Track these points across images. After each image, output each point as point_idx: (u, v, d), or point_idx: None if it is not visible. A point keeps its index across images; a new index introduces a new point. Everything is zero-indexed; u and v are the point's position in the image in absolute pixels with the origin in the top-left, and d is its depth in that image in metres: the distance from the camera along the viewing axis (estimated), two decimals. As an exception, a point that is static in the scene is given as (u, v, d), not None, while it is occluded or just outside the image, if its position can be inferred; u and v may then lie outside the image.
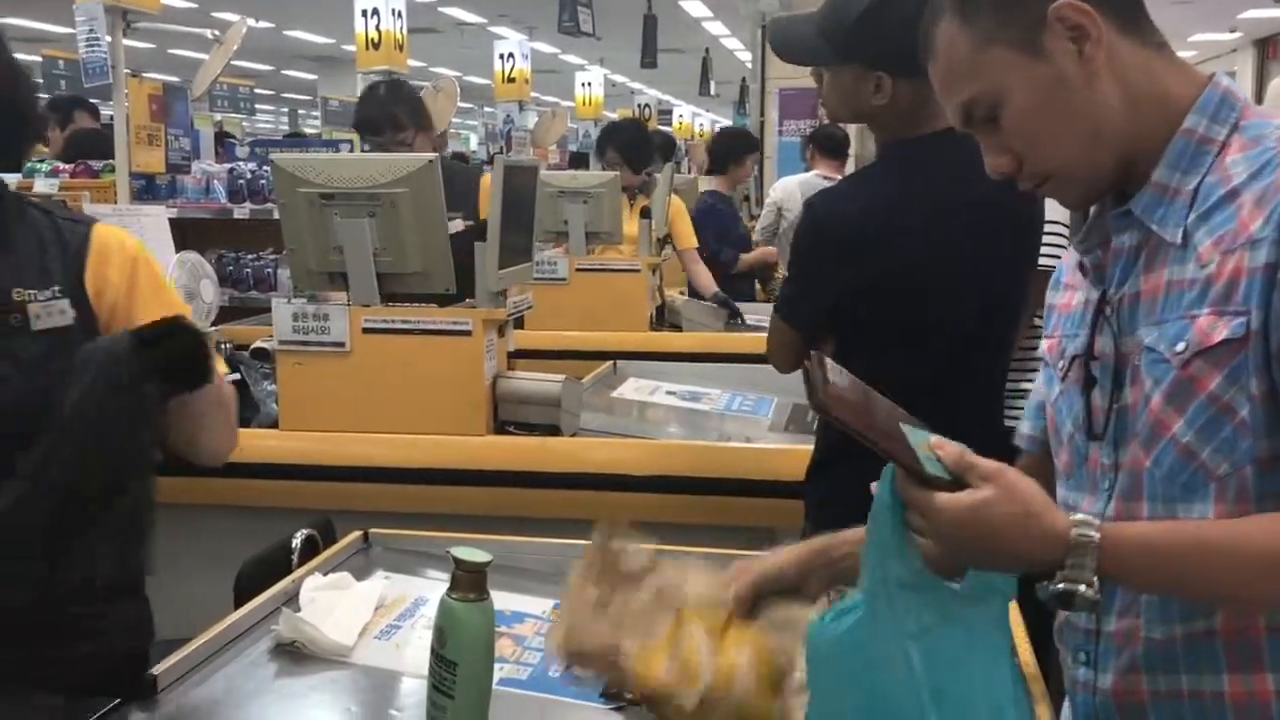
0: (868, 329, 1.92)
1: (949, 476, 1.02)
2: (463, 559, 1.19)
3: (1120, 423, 1.12)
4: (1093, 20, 1.07)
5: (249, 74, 16.23)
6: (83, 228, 1.52)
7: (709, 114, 21.75)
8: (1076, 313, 1.20)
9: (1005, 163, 1.14)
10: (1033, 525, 1.00)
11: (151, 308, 1.48)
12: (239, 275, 4.82)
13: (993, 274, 1.91)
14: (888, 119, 1.93)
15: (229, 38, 3.56)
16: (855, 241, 1.90)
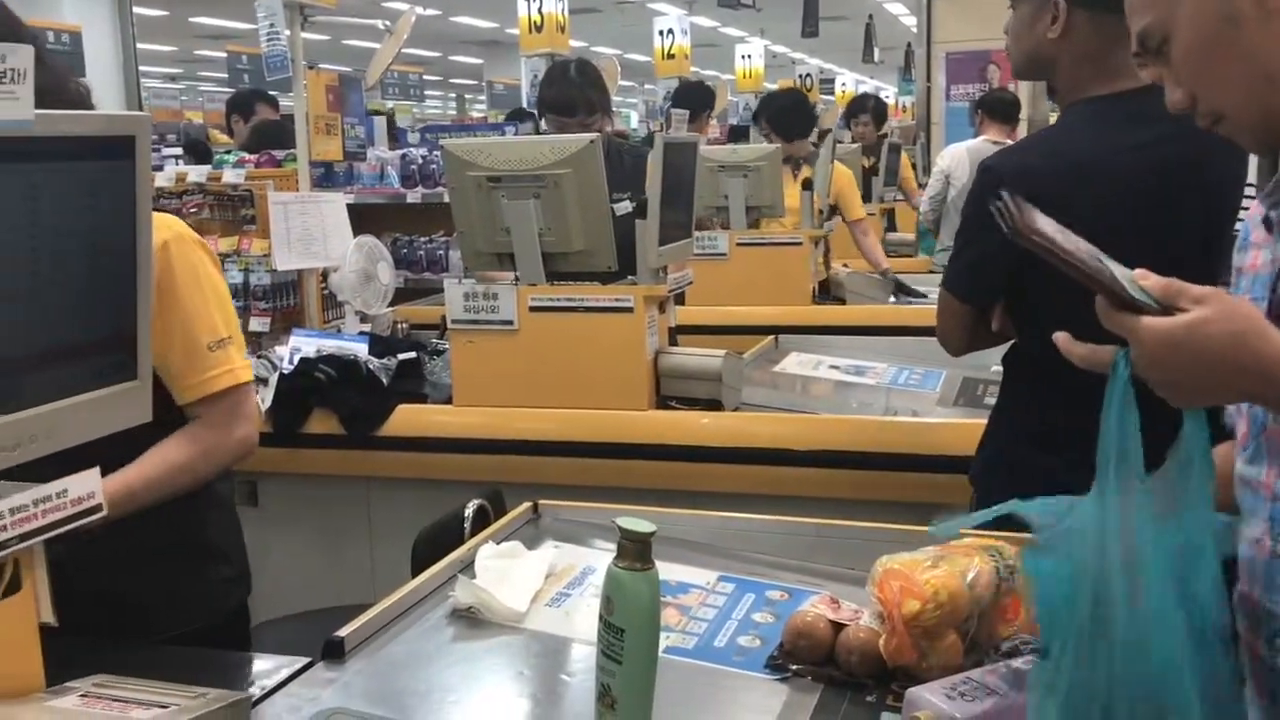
0: (1046, 300, 1.77)
1: (1157, 304, 0.95)
2: (628, 529, 1.21)
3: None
4: None
5: (417, 61, 16.74)
6: None
7: (873, 81, 21.29)
8: (1264, 274, 1.13)
9: (1179, 98, 1.09)
10: (1257, 344, 0.92)
11: (170, 319, 1.54)
12: (412, 257, 5.00)
13: (1183, 240, 1.78)
14: (1066, 65, 1.82)
15: (399, 27, 3.68)
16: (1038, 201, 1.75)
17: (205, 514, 1.74)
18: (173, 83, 20.86)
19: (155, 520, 1.56)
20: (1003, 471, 1.93)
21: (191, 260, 1.62)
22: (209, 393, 1.61)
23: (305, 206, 3.36)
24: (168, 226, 1.61)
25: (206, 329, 1.61)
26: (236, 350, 1.65)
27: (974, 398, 2.88)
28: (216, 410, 1.62)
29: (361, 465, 2.81)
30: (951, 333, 1.97)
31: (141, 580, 1.62)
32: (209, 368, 1.60)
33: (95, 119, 1.05)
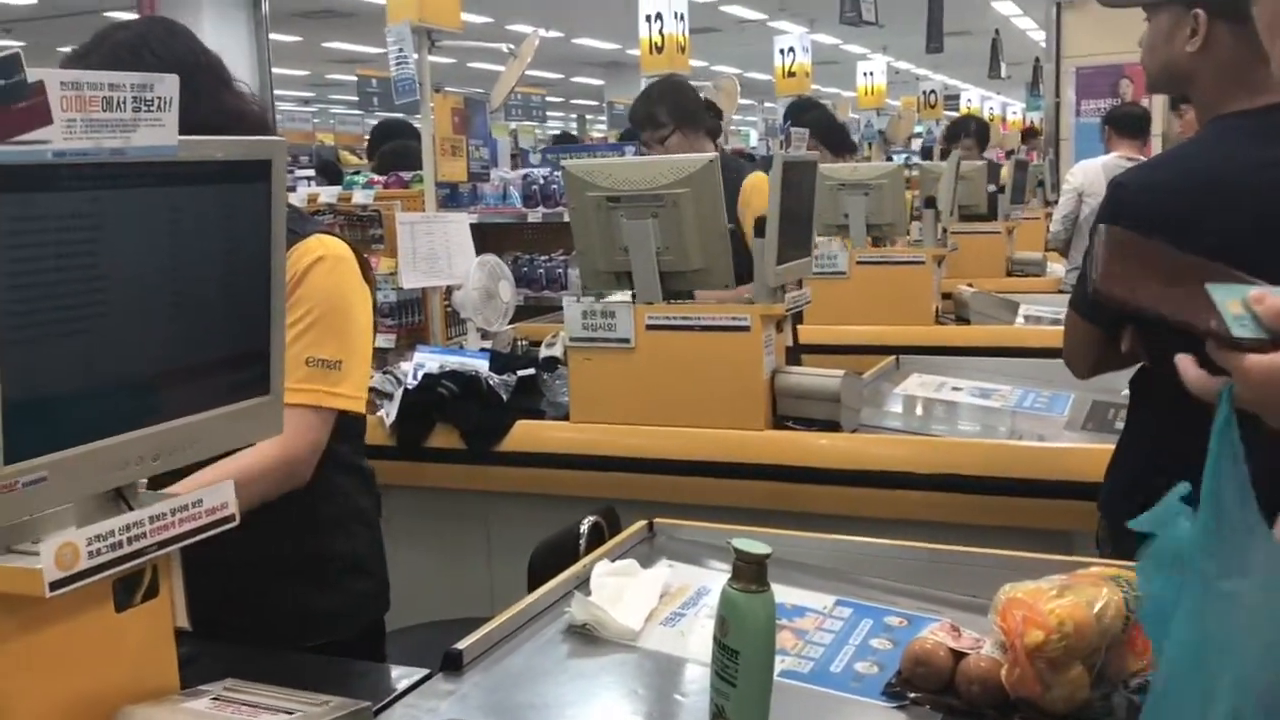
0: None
1: (1266, 336, 0.91)
2: (744, 550, 1.21)
3: None
4: None
5: (540, 83, 17.03)
6: (295, 238, 1.60)
7: (999, 97, 20.86)
8: None
9: None
10: None
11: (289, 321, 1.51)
12: (532, 275, 5.08)
13: None
14: (1205, 80, 1.76)
15: (523, 51, 3.75)
16: (1166, 219, 1.68)
17: (348, 527, 1.76)
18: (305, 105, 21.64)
19: (287, 532, 1.60)
20: (1133, 498, 1.86)
21: (333, 281, 1.64)
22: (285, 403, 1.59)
23: (431, 226, 3.45)
24: (325, 247, 1.65)
25: (313, 344, 1.61)
26: (340, 378, 1.62)
27: (1103, 422, 2.79)
28: (286, 424, 1.60)
29: (481, 480, 2.86)
30: (1077, 354, 1.92)
31: (277, 590, 1.67)
32: (294, 380, 1.55)
33: (235, 144, 1.09)
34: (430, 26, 3.46)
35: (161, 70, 1.52)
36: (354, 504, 1.75)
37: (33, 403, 0.92)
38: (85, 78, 0.91)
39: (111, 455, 1.00)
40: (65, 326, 0.94)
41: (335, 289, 1.65)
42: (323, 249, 1.64)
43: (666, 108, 3.39)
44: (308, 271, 1.61)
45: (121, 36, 1.61)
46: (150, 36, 1.62)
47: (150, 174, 0.99)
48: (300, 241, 1.63)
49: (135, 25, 1.66)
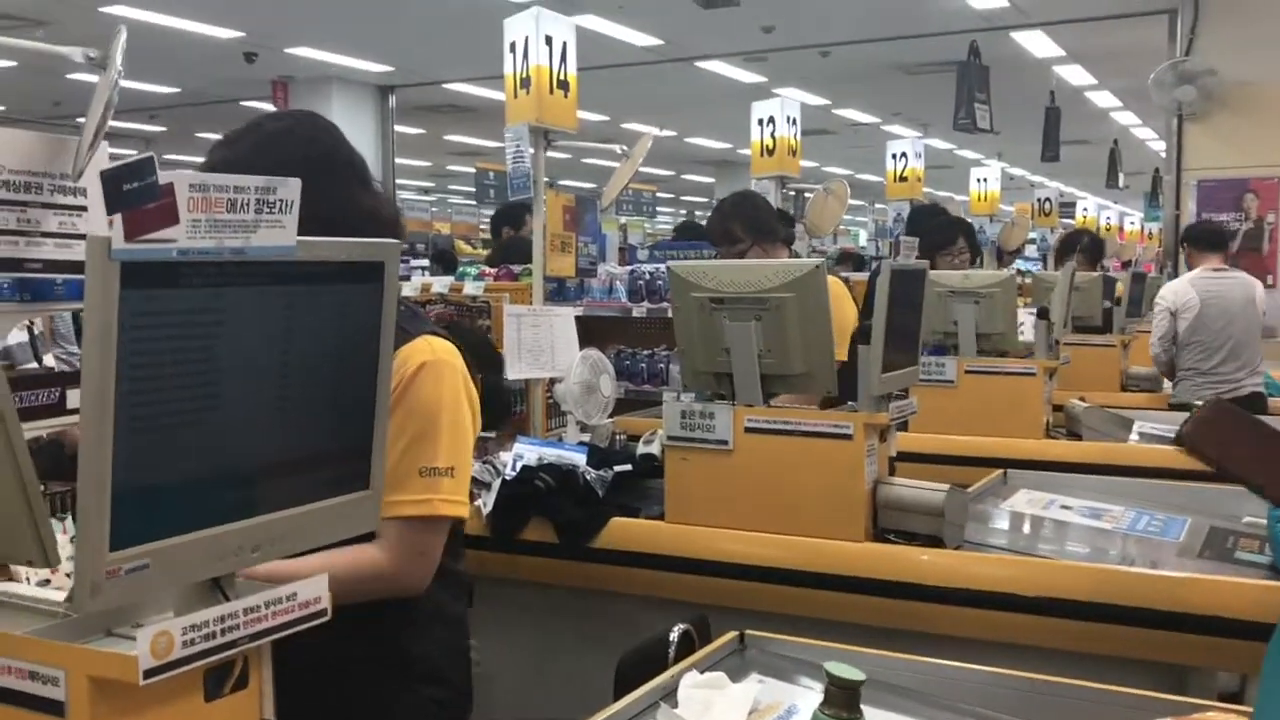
0: None
1: None
2: (836, 675, 1.17)
3: None
4: None
5: (651, 179, 17.33)
6: (405, 337, 1.62)
7: (1117, 206, 20.52)
8: None
9: None
10: None
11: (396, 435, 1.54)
12: (634, 369, 5.11)
13: None
14: None
15: (636, 152, 3.83)
16: None
17: (429, 630, 1.74)
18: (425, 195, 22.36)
19: (359, 629, 1.59)
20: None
21: (441, 386, 1.65)
22: (398, 515, 1.58)
23: (537, 319, 3.50)
24: (433, 351, 1.67)
25: (426, 455, 1.61)
26: (451, 484, 1.63)
27: (1222, 550, 2.66)
28: (400, 537, 1.59)
29: (573, 576, 2.84)
30: None
31: (351, 688, 1.66)
32: (411, 491, 1.59)
33: (351, 246, 1.12)
34: (547, 127, 3.55)
35: (305, 164, 1.60)
36: (438, 607, 1.73)
37: (141, 491, 0.94)
38: (212, 180, 0.95)
39: (212, 546, 1.02)
40: (178, 418, 0.97)
41: (444, 395, 1.66)
42: (431, 353, 1.66)
43: (741, 223, 3.46)
44: (415, 377, 1.63)
45: (271, 128, 1.68)
46: (299, 130, 1.68)
47: (269, 273, 1.02)
48: (409, 341, 1.65)
49: (286, 118, 1.73)
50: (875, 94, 13.11)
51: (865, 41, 9.68)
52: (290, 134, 1.67)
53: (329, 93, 11.80)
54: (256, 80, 11.52)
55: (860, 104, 14.15)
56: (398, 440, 1.59)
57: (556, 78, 3.55)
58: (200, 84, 12.63)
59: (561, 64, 3.56)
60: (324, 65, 11.30)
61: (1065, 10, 8.66)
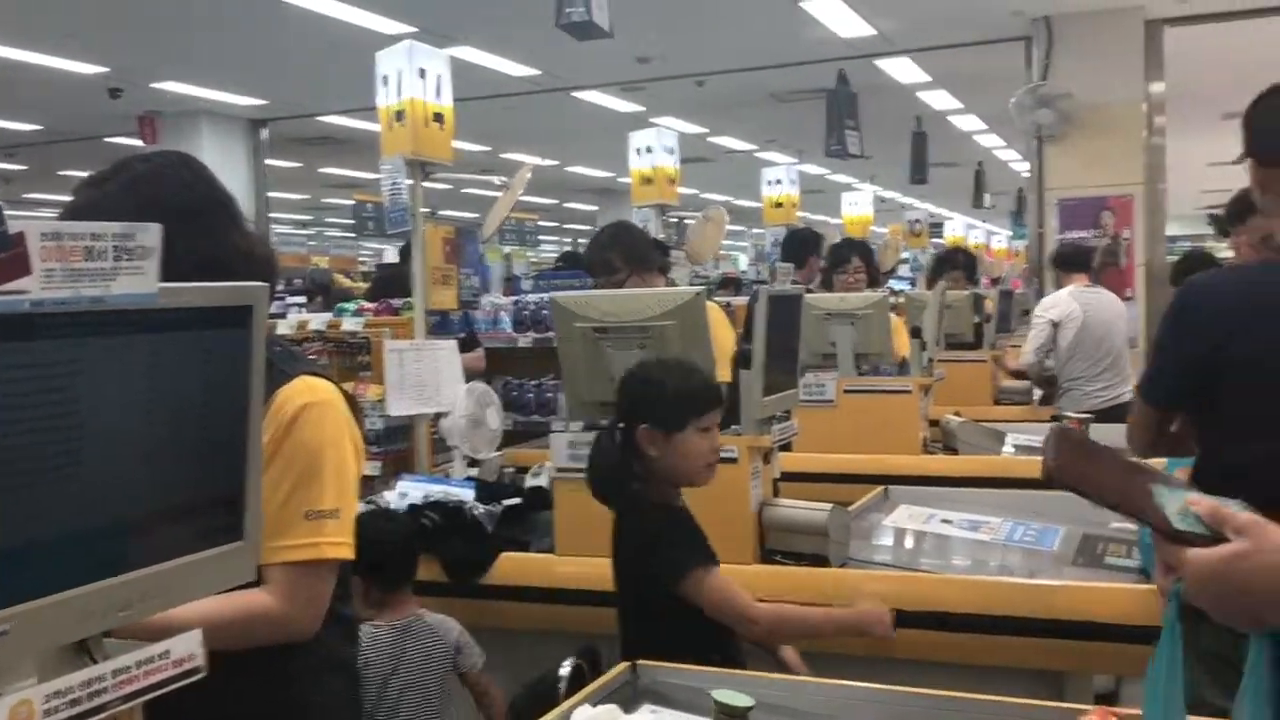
0: (1226, 414, 1.98)
1: (1208, 533, 0.99)
2: (724, 702, 1.18)
3: None
4: None
5: (533, 208, 17.33)
6: (283, 378, 1.59)
7: (984, 225, 21.24)
8: None
9: None
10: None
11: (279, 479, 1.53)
12: (522, 400, 5.06)
13: None
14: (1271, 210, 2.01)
15: (515, 183, 3.82)
16: (1210, 314, 2.02)
17: (323, 679, 1.69)
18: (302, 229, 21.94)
19: (257, 681, 1.54)
20: None
21: (322, 427, 1.61)
22: (285, 560, 1.55)
23: (420, 354, 3.46)
24: (313, 391, 1.63)
25: (311, 497, 1.58)
26: (336, 526, 1.60)
27: (1094, 557, 2.76)
28: (287, 582, 1.55)
29: (464, 613, 2.80)
30: (1137, 434, 2.18)
31: None
32: (297, 535, 1.56)
33: (216, 291, 1.09)
34: (423, 159, 3.52)
35: (176, 205, 1.55)
36: (331, 653, 1.69)
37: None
38: (67, 229, 0.91)
39: (77, 607, 0.97)
40: (37, 475, 0.93)
41: (326, 436, 1.62)
42: (310, 394, 1.62)
43: (619, 253, 3.51)
44: (296, 420, 1.59)
45: (140, 169, 1.63)
46: (168, 172, 1.64)
47: (130, 321, 0.98)
48: (288, 383, 1.61)
49: (155, 158, 1.68)
50: (750, 122, 13.35)
51: (738, 71, 9.86)
52: (159, 175, 1.62)
53: (198, 127, 11.50)
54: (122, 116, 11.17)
55: (736, 132, 14.39)
56: (281, 484, 1.55)
57: (431, 110, 3.52)
58: (63, 120, 12.19)
59: (436, 96, 3.54)
60: (192, 100, 11.02)
61: (928, 38, 8.96)
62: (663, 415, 2.14)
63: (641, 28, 7.25)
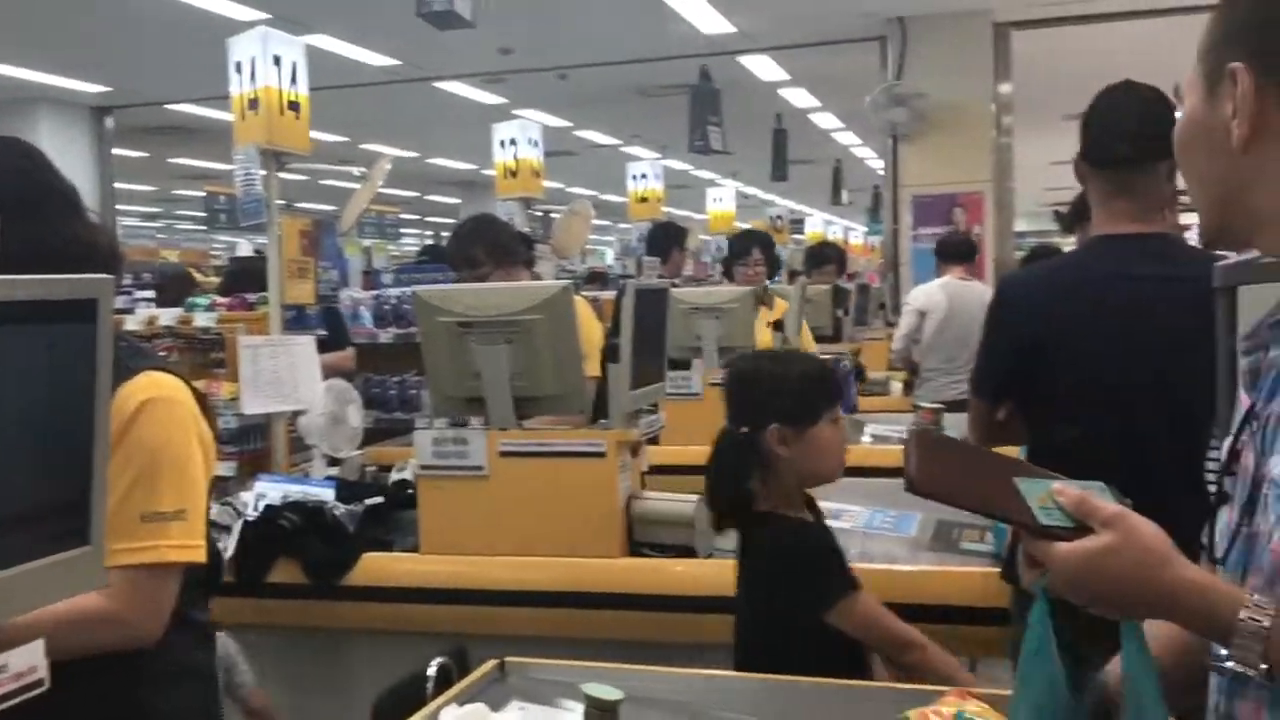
0: (1044, 399, 2.11)
1: (1072, 524, 1.00)
2: (594, 696, 1.17)
3: (1246, 550, 1.03)
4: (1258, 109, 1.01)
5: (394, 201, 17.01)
6: (126, 374, 1.53)
7: (842, 221, 21.77)
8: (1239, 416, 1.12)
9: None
10: (1155, 575, 0.97)
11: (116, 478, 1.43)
12: (384, 397, 4.96)
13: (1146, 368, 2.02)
14: (1094, 208, 2.16)
15: (374, 174, 3.74)
16: (1016, 306, 2.18)
17: (176, 685, 1.62)
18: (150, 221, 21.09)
19: (106, 690, 1.48)
20: None
21: (165, 425, 1.54)
22: (124, 563, 1.47)
23: (276, 350, 3.36)
24: (157, 387, 1.55)
25: (150, 499, 1.51)
26: (181, 528, 1.53)
27: (949, 542, 2.85)
28: (127, 585, 1.48)
29: (326, 616, 2.74)
30: (972, 427, 2.29)
31: None
32: (136, 538, 1.49)
33: (59, 283, 1.03)
34: (278, 149, 3.42)
35: (12, 195, 1.46)
36: (184, 660, 1.62)
37: None
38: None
39: (-97, 621, 0.91)
40: None
41: (169, 434, 1.55)
42: (154, 389, 1.55)
43: (482, 247, 3.47)
44: (137, 416, 1.51)
45: None
46: (3, 160, 1.55)
47: (-39, 315, 0.92)
48: (131, 378, 1.54)
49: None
50: (614, 116, 13.38)
51: (602, 65, 9.86)
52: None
53: (36, 115, 10.92)
54: (-50, 100, 10.55)
55: (600, 126, 14.40)
56: (118, 483, 1.47)
57: (286, 98, 3.42)
58: (-117, 105, 11.45)
59: (292, 84, 3.44)
60: (29, 85, 10.46)
61: (787, 36, 9.12)
62: (794, 410, 1.98)
63: (503, 18, 7.19)
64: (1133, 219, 2.07)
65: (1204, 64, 1.07)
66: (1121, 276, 2.05)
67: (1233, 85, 1.03)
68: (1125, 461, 2.00)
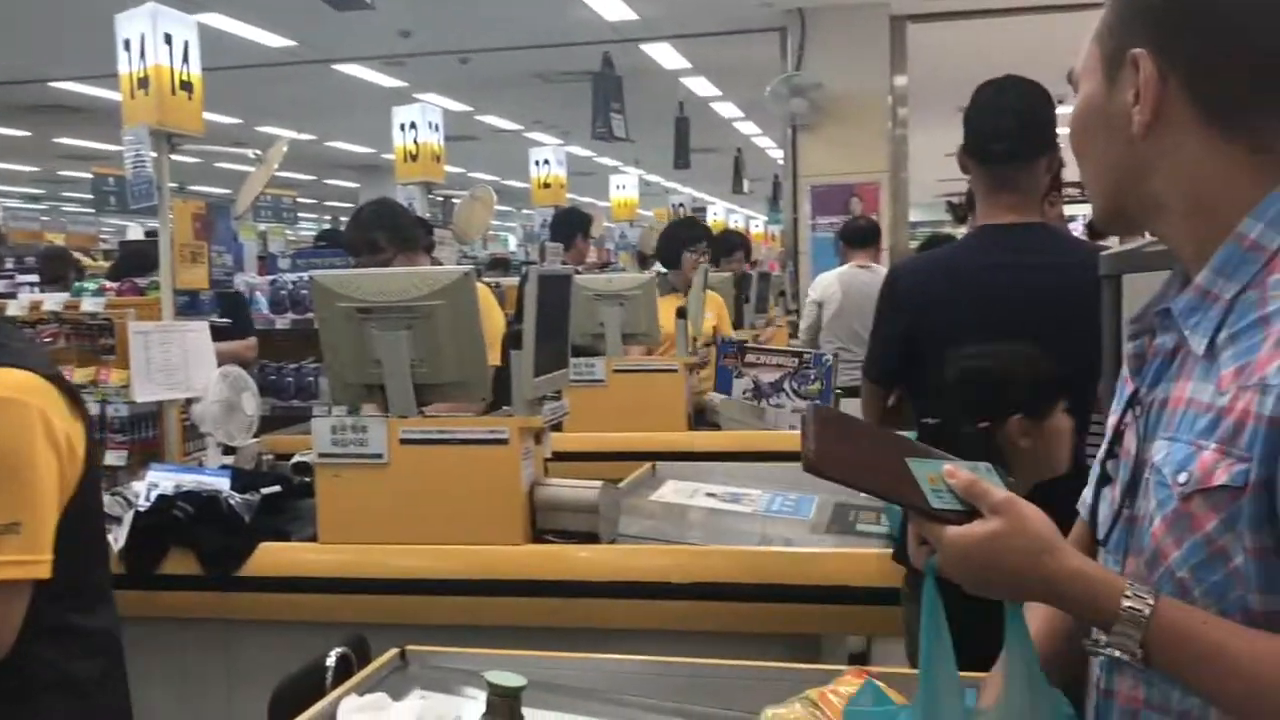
0: (921, 383, 2.16)
1: (963, 507, 1.02)
2: (496, 684, 1.17)
3: (1128, 533, 1.07)
4: (1160, 95, 1.02)
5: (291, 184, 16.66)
6: None
7: (743, 210, 21.97)
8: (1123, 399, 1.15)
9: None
10: (1041, 561, 0.99)
11: None
12: (281, 385, 4.88)
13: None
14: (977, 199, 2.25)
15: (270, 157, 3.66)
16: (904, 293, 2.25)
17: (48, 702, 1.55)
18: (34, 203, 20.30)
19: None
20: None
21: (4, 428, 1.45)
22: None
23: (168, 336, 3.27)
24: (3, 385, 1.47)
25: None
26: (18, 542, 1.44)
27: (846, 524, 2.91)
28: None
29: (220, 607, 2.68)
30: (866, 411, 2.34)
31: None
32: None
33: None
34: (170, 130, 3.32)
35: None
36: (59, 673, 1.55)
37: None
38: None
39: None
40: None
41: (10, 439, 1.45)
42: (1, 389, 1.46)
43: (384, 232, 3.41)
44: None
45: None
46: None
47: None
48: None
49: None
50: (516, 102, 13.29)
51: (503, 50, 9.79)
52: None
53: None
54: None
55: (502, 111, 14.29)
56: None
57: (179, 78, 3.33)
58: None
59: (184, 64, 3.34)
60: (-102, 59, 10.00)
61: (689, 25, 9.16)
62: (1035, 400, 1.90)
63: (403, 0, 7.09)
64: (1013, 210, 2.15)
65: (1102, 47, 1.07)
66: (1003, 266, 2.13)
67: (1134, 71, 1.02)
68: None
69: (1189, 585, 0.99)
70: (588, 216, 6.16)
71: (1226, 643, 0.95)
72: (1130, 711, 1.07)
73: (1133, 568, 1.05)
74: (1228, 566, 0.96)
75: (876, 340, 2.33)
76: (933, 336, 2.14)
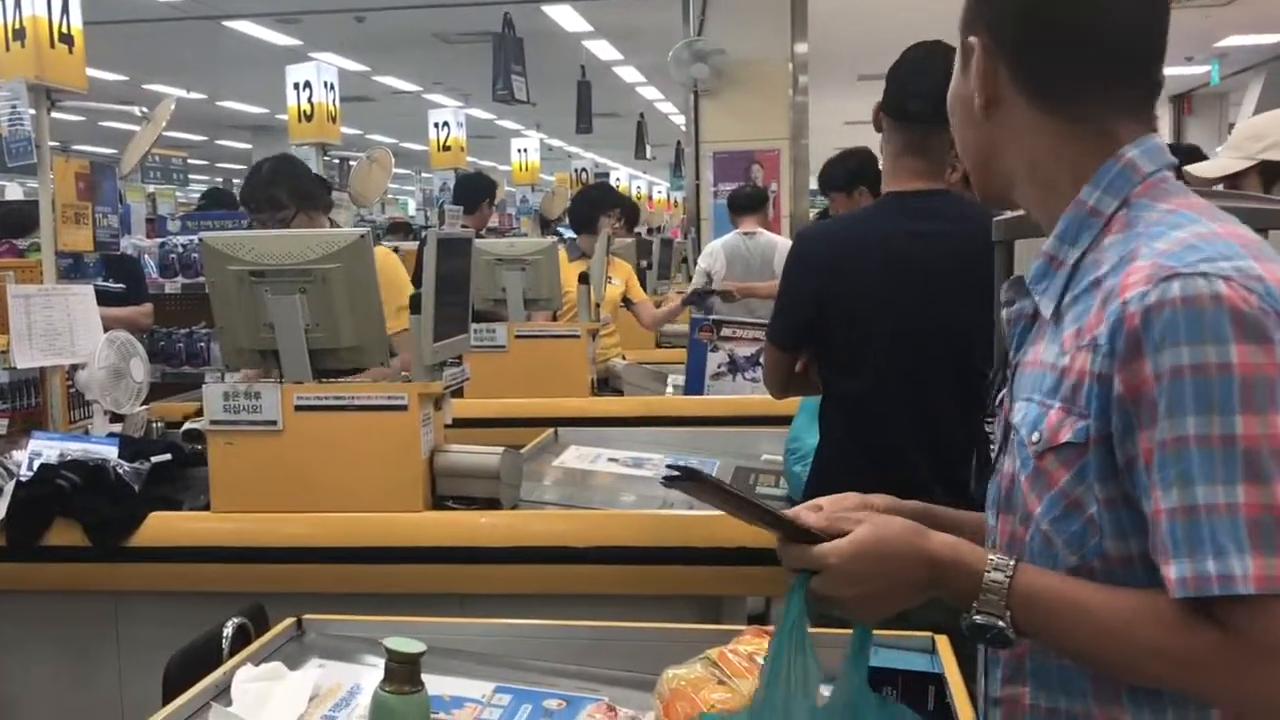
0: (834, 350, 2.21)
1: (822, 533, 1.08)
2: (395, 650, 1.16)
3: (1008, 492, 1.11)
4: (990, 77, 1.11)
5: (181, 144, 16.15)
6: None
7: (646, 176, 21.96)
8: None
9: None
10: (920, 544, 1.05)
11: None
12: (171, 351, 4.75)
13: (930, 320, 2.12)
14: (885, 162, 2.25)
15: (158, 114, 3.53)
16: (810, 259, 2.27)
17: None
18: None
19: None
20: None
21: None
22: None
23: (50, 300, 3.14)
24: None
25: None
26: None
27: (746, 488, 2.94)
28: None
29: (109, 579, 2.60)
30: (770, 377, 2.38)
31: None
32: None
33: None
34: (49, 85, 3.18)
35: None
36: None
37: None
38: None
39: None
40: None
41: None
42: None
43: (286, 189, 3.31)
44: None
45: None
46: None
47: None
48: None
49: None
50: (415, 63, 13.05)
51: (401, 8, 9.59)
52: None
53: None
54: None
55: (400, 72, 14.02)
56: None
57: (58, 30, 3.18)
58: None
59: (64, 15, 3.20)
60: None
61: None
62: None
63: (298, -44, 6.89)
64: (919, 176, 2.18)
65: (960, 37, 1.16)
66: (911, 233, 2.16)
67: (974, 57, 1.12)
68: (913, 410, 2.13)
69: (1052, 537, 1.04)
70: (494, 183, 6.09)
71: (1083, 598, 1.00)
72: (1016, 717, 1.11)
73: (1010, 524, 1.10)
74: (1083, 517, 1.01)
75: (783, 306, 2.33)
76: (841, 302, 2.17)
